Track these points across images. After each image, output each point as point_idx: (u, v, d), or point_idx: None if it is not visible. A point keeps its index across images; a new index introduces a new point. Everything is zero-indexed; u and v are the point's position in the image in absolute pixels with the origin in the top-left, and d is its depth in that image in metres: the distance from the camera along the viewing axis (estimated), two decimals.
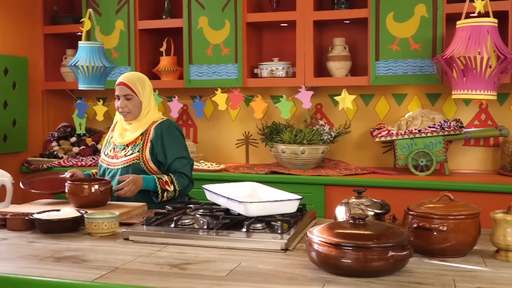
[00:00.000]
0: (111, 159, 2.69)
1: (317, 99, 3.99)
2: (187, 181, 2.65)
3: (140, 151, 2.63)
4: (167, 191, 2.57)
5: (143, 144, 2.64)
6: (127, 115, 2.66)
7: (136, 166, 2.62)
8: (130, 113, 2.66)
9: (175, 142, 2.67)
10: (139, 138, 2.67)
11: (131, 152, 2.65)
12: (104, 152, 2.77)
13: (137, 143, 2.66)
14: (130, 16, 4.05)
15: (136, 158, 2.62)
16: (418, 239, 1.71)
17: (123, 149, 2.68)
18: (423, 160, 3.46)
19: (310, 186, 3.50)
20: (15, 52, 4.05)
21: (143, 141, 2.65)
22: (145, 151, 2.63)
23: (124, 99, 2.64)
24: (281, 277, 1.53)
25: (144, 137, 2.66)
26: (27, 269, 1.62)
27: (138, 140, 2.66)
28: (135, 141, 2.67)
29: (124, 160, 2.64)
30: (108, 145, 2.77)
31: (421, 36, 3.47)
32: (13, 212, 2.27)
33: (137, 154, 2.63)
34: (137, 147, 2.65)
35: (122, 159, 2.65)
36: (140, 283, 1.49)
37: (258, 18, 3.85)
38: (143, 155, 2.63)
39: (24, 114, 4.11)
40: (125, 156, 2.65)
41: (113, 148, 2.73)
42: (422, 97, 3.83)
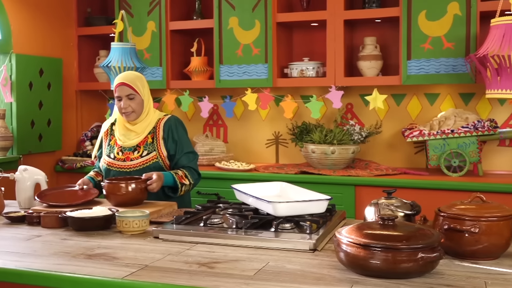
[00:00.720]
0: (122, 161, 2.65)
1: (347, 99, 3.97)
2: (196, 174, 2.70)
3: (156, 149, 2.65)
4: (184, 185, 2.62)
5: (156, 143, 2.66)
6: (131, 114, 2.64)
7: (156, 164, 2.64)
8: (134, 112, 2.64)
9: (183, 137, 2.72)
10: (149, 137, 2.68)
11: (147, 152, 2.65)
12: (110, 156, 2.70)
13: (149, 142, 2.66)
14: (161, 17, 4.10)
15: (155, 157, 2.64)
16: (449, 241, 1.68)
17: (134, 150, 2.66)
18: (456, 160, 3.40)
19: (340, 186, 3.48)
20: (50, 53, 4.14)
21: (154, 139, 2.67)
22: (160, 149, 2.66)
23: (126, 99, 2.63)
24: (309, 277, 1.53)
25: (155, 136, 2.68)
26: (60, 266, 1.66)
27: (148, 139, 2.67)
28: (145, 140, 2.67)
29: (142, 161, 2.63)
30: (112, 149, 2.71)
31: (454, 34, 3.42)
32: (47, 210, 2.32)
33: (154, 153, 2.64)
34: (151, 146, 2.66)
35: (137, 160, 2.63)
36: (169, 281, 1.51)
37: (288, 18, 3.84)
38: (160, 154, 2.65)
39: (58, 114, 4.20)
40: (140, 157, 2.64)
41: (120, 150, 2.68)
42: (455, 97, 3.76)
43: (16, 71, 3.80)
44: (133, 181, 2.39)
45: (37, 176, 2.54)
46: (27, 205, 2.49)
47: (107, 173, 2.69)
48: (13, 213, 2.32)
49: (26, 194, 2.51)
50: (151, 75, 4.13)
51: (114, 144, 2.72)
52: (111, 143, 2.74)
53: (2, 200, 2.46)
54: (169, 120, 2.71)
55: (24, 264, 1.68)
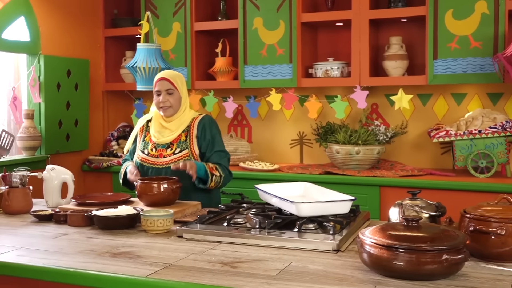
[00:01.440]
0: (156, 158, 2.70)
1: (372, 99, 3.94)
2: (226, 171, 2.71)
3: (189, 147, 2.69)
4: (215, 176, 2.63)
5: (189, 141, 2.70)
6: (168, 109, 2.70)
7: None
8: (171, 107, 2.70)
9: (216, 136, 2.74)
10: (183, 135, 2.71)
11: (179, 150, 2.69)
12: (144, 151, 2.75)
13: (182, 140, 2.70)
14: (186, 18, 4.12)
15: (187, 155, 2.67)
16: (474, 243, 1.65)
17: (167, 147, 2.70)
18: (484, 161, 3.35)
19: (365, 187, 3.45)
20: (78, 54, 4.20)
21: (187, 137, 2.71)
22: (193, 147, 2.69)
23: (165, 94, 2.70)
24: (332, 278, 1.52)
25: (189, 134, 2.71)
26: (85, 264, 1.68)
27: (181, 137, 2.71)
28: (178, 138, 2.70)
29: (174, 158, 2.67)
30: (146, 144, 2.77)
31: (481, 33, 3.36)
32: (74, 208, 2.36)
33: (186, 151, 2.68)
34: (184, 144, 2.69)
35: (170, 157, 2.68)
36: (192, 280, 1.52)
37: (313, 18, 3.83)
38: (192, 152, 2.68)
39: (85, 114, 4.26)
40: (173, 154, 2.68)
41: (154, 147, 2.74)
42: (483, 97, 3.71)
43: (45, 72, 3.86)
44: (165, 181, 2.41)
45: (64, 176, 2.58)
46: (55, 203, 2.53)
47: (141, 169, 2.74)
48: (41, 212, 2.36)
49: (53, 193, 2.55)
50: None
51: (148, 140, 2.77)
52: (145, 139, 2.79)
53: (30, 198, 2.51)
54: (204, 119, 2.75)
55: (51, 261, 1.71)
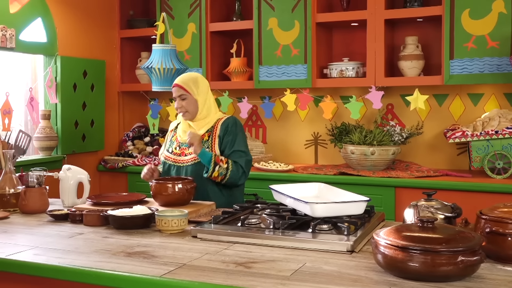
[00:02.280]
0: (178, 156, 2.77)
1: (388, 99, 3.92)
2: (240, 170, 2.68)
3: (210, 147, 2.71)
4: (219, 166, 2.63)
5: (211, 141, 2.72)
6: (185, 114, 2.76)
7: None
8: (187, 112, 2.75)
9: (237, 136, 2.74)
10: (206, 135, 2.74)
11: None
12: (168, 150, 2.84)
13: (205, 140, 2.73)
14: (201, 18, 4.14)
15: None
16: (491, 244, 1.64)
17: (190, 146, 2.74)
18: (500, 162, 3.31)
19: (380, 188, 3.43)
20: (94, 55, 4.23)
21: (210, 137, 2.73)
22: (214, 147, 2.71)
23: (179, 100, 2.76)
24: (346, 279, 1.52)
25: (211, 134, 2.74)
26: (100, 263, 1.69)
27: (205, 137, 2.74)
28: (202, 138, 2.73)
29: (194, 157, 2.70)
30: (172, 144, 2.85)
31: (499, 33, 3.33)
32: (89, 208, 2.38)
33: (207, 150, 2.69)
34: (206, 144, 2.72)
35: (191, 155, 2.72)
36: (206, 280, 1.52)
37: (328, 18, 3.82)
38: (213, 151, 2.70)
39: (101, 114, 4.29)
40: (194, 152, 2.70)
41: (178, 145, 2.80)
42: (500, 97, 3.67)
43: (61, 73, 3.90)
44: (180, 182, 2.42)
45: (80, 176, 2.60)
46: (71, 203, 2.55)
47: (165, 167, 2.81)
48: (57, 211, 2.38)
49: (69, 193, 2.57)
50: None
51: (175, 140, 2.85)
52: (172, 139, 2.88)
53: (47, 198, 2.53)
54: (228, 120, 2.77)
55: (67, 261, 1.73)
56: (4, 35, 3.43)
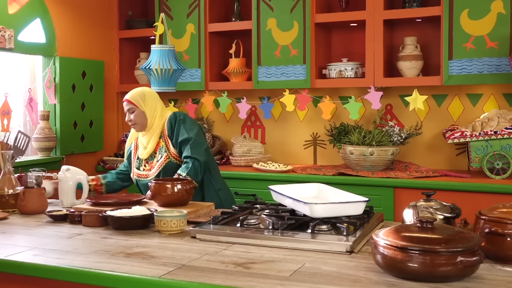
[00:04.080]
0: (148, 171, 2.85)
1: (387, 99, 3.92)
2: (189, 162, 2.71)
3: (167, 150, 2.80)
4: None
5: (166, 144, 2.82)
6: (135, 125, 2.86)
7: (169, 164, 2.79)
8: (136, 124, 2.84)
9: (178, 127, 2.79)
10: (161, 141, 2.84)
11: (160, 155, 2.82)
12: (138, 168, 2.89)
13: (161, 146, 2.83)
14: (200, 19, 4.14)
15: (166, 158, 2.79)
16: (490, 245, 1.64)
17: (153, 157, 2.84)
18: (499, 163, 3.32)
19: (379, 188, 3.43)
20: (92, 56, 4.23)
21: (164, 141, 2.82)
22: (169, 148, 2.80)
23: (129, 114, 2.86)
24: (345, 279, 1.52)
25: (163, 137, 2.83)
26: (99, 264, 1.69)
27: (160, 143, 2.83)
28: (158, 146, 2.83)
29: (158, 166, 2.81)
30: (141, 162, 2.89)
31: (497, 33, 3.33)
32: (88, 208, 2.37)
33: (165, 154, 2.80)
34: (163, 149, 2.82)
35: (156, 166, 2.82)
36: (205, 280, 1.52)
37: (327, 19, 3.82)
38: (170, 153, 2.79)
39: (100, 115, 4.29)
40: (157, 161, 2.81)
41: (146, 163, 2.87)
42: (499, 97, 3.67)
43: (60, 74, 3.90)
44: (179, 182, 2.42)
45: (79, 176, 2.60)
46: (69, 204, 2.55)
47: (141, 185, 2.91)
48: (56, 212, 2.38)
49: (68, 193, 2.57)
50: (190, 77, 4.17)
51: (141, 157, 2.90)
52: (140, 156, 2.91)
53: (45, 199, 2.53)
54: (169, 118, 2.84)
55: (66, 261, 1.72)
56: (3, 36, 3.42)
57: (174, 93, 4.32)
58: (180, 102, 4.50)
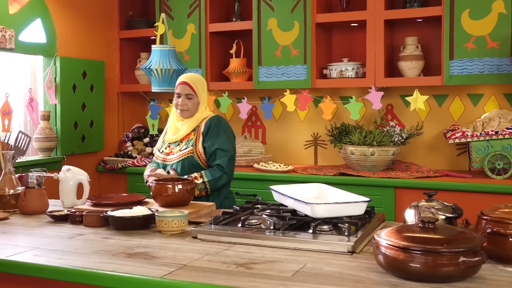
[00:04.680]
0: (166, 155, 2.84)
1: (387, 99, 3.92)
2: (218, 172, 2.72)
3: (194, 145, 2.77)
4: (196, 184, 2.65)
5: (196, 139, 2.79)
6: (185, 112, 2.81)
7: (190, 159, 2.76)
8: (188, 111, 2.81)
9: (220, 134, 2.78)
10: (192, 133, 2.80)
11: (185, 146, 2.79)
12: (159, 150, 2.91)
13: (190, 138, 2.80)
14: (201, 19, 4.13)
15: (190, 152, 2.77)
16: (492, 245, 1.63)
17: (178, 145, 2.82)
18: (500, 163, 3.31)
19: (380, 188, 3.43)
20: (93, 56, 4.23)
21: (195, 136, 2.79)
22: (198, 145, 2.77)
23: (185, 98, 2.80)
24: (347, 280, 1.51)
25: (196, 132, 2.80)
26: (101, 264, 1.69)
27: (191, 135, 2.80)
28: (188, 136, 2.81)
29: (179, 155, 2.77)
30: (164, 144, 2.92)
31: (499, 33, 3.33)
32: (89, 209, 2.37)
33: (191, 148, 2.77)
34: (191, 142, 2.79)
35: (177, 154, 2.79)
36: (207, 280, 1.52)
37: (328, 19, 3.82)
38: (196, 149, 2.77)
39: (100, 115, 4.29)
40: (180, 151, 2.78)
41: (168, 146, 2.87)
42: (500, 97, 3.67)
43: (61, 74, 3.90)
44: (180, 182, 2.42)
45: (80, 176, 2.59)
46: (70, 204, 2.54)
47: (157, 167, 2.88)
48: (57, 212, 2.38)
49: (69, 194, 2.56)
50: None
51: (167, 140, 2.91)
52: (165, 140, 2.92)
53: (46, 199, 2.53)
54: (212, 118, 2.82)
55: (67, 261, 1.72)
56: (3, 36, 3.42)
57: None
58: None
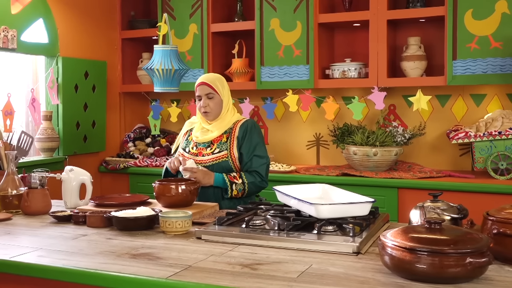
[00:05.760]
0: (195, 156, 2.74)
1: (390, 100, 3.91)
2: (258, 178, 2.68)
3: (228, 149, 2.69)
4: (235, 184, 2.63)
5: (230, 143, 2.70)
6: (209, 114, 2.72)
7: (225, 164, 2.68)
8: (211, 112, 2.72)
9: (256, 140, 2.72)
10: (224, 136, 2.72)
11: (219, 150, 2.70)
12: (185, 149, 2.80)
13: (223, 141, 2.71)
14: (203, 19, 4.13)
15: (225, 156, 2.69)
16: (498, 246, 1.63)
17: (207, 146, 2.73)
18: (504, 163, 3.31)
19: (383, 189, 3.43)
20: (95, 56, 4.22)
21: (228, 139, 2.71)
22: (232, 149, 2.69)
23: (206, 98, 2.71)
24: (353, 281, 1.51)
25: (230, 136, 2.72)
26: (106, 265, 1.68)
27: (223, 138, 2.72)
28: (219, 139, 2.72)
29: (212, 158, 2.69)
30: (188, 143, 2.81)
31: (502, 33, 3.32)
32: (92, 209, 2.36)
33: (225, 152, 2.69)
34: (224, 145, 2.70)
35: (209, 156, 2.70)
36: (212, 282, 1.51)
37: (330, 19, 3.81)
38: (231, 153, 2.69)
39: (102, 115, 4.28)
40: (212, 153, 2.70)
41: (195, 145, 2.77)
42: (503, 98, 3.66)
43: (63, 74, 3.89)
44: (183, 183, 2.41)
45: (83, 177, 2.59)
46: (73, 204, 2.54)
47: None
48: (60, 213, 2.37)
49: (72, 194, 2.56)
50: (192, 77, 4.16)
51: (191, 140, 2.82)
52: (189, 138, 2.84)
53: (49, 199, 2.52)
54: (247, 122, 2.75)
55: (72, 262, 1.72)
56: (5, 36, 3.42)
57: (176, 94, 4.32)
58: (182, 102, 4.49)
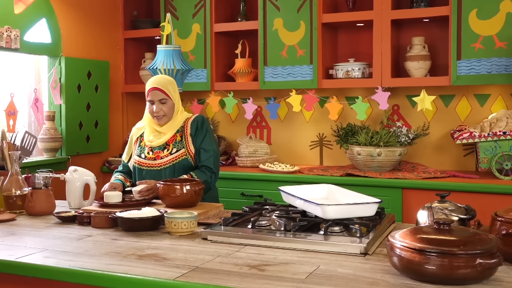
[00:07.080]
0: (152, 160, 2.74)
1: (394, 100, 3.90)
2: (208, 173, 2.70)
3: (185, 147, 2.73)
4: None
5: (185, 140, 2.74)
6: (163, 118, 2.74)
7: (185, 162, 2.72)
8: (165, 116, 2.74)
9: (206, 134, 2.76)
10: (177, 135, 2.75)
11: (176, 149, 2.73)
12: (140, 155, 2.78)
13: (178, 141, 2.74)
14: (206, 19, 4.12)
15: (184, 154, 2.72)
16: (507, 247, 1.62)
17: (164, 148, 2.74)
18: (508, 163, 3.29)
19: (387, 189, 3.41)
20: (98, 56, 4.21)
21: (182, 137, 2.75)
22: (189, 146, 2.73)
23: (159, 103, 2.73)
24: (362, 282, 1.50)
25: (183, 134, 2.76)
26: (112, 266, 1.67)
27: (177, 137, 2.75)
28: (173, 139, 2.74)
29: (172, 158, 2.71)
30: (143, 149, 2.79)
31: (506, 33, 3.31)
32: (97, 210, 2.35)
33: (183, 150, 2.72)
34: (180, 144, 2.74)
35: (168, 157, 2.72)
36: (220, 283, 1.50)
37: (334, 19, 3.80)
38: (188, 150, 2.72)
39: (105, 115, 4.27)
40: (170, 154, 2.72)
41: (150, 150, 2.76)
42: (507, 98, 3.65)
43: (65, 74, 3.88)
44: (188, 183, 2.41)
45: (87, 177, 2.58)
46: (77, 205, 2.53)
47: (139, 173, 2.77)
48: (64, 213, 2.36)
49: (76, 194, 2.55)
50: (195, 77, 4.15)
51: (144, 145, 2.80)
52: (141, 144, 2.82)
53: (53, 200, 2.51)
54: (197, 118, 2.80)
55: (78, 263, 1.71)
56: (8, 36, 3.41)
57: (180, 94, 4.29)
58: (185, 103, 4.48)
